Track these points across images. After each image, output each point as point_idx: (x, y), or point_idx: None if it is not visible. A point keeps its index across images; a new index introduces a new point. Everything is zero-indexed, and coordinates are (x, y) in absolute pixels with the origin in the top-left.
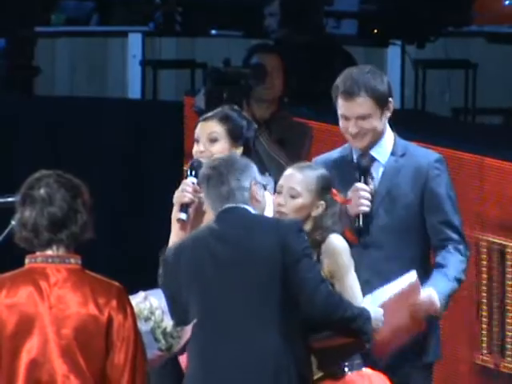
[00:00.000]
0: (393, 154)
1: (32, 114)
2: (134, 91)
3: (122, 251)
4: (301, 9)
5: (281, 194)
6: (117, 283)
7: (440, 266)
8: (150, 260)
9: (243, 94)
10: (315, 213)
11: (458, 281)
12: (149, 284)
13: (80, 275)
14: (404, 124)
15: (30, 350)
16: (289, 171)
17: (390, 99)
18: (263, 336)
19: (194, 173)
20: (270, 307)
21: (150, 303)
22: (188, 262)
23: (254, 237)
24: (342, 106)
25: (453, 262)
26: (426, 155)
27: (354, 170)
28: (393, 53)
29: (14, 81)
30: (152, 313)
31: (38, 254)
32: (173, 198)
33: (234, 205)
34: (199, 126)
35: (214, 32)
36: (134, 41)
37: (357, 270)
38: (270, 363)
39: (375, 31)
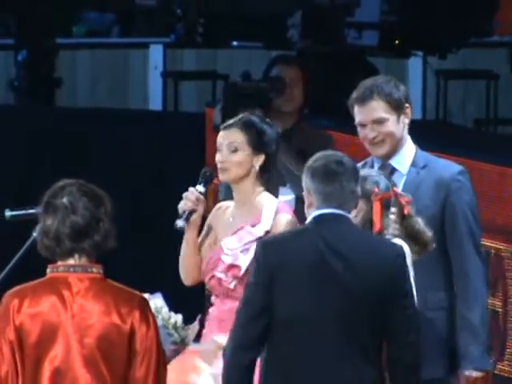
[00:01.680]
0: (413, 165)
1: (54, 125)
2: (156, 103)
3: (143, 264)
4: (322, 20)
5: None
6: (139, 293)
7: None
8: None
9: (261, 108)
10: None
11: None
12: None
13: (102, 285)
14: (426, 135)
15: (53, 359)
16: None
17: (407, 105)
18: (359, 367)
19: (202, 182)
20: (366, 343)
21: (155, 303)
22: (290, 255)
23: (368, 258)
24: (357, 114)
25: (470, 297)
26: (447, 167)
27: None
28: (414, 64)
29: (35, 92)
30: (158, 312)
31: (59, 263)
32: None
33: (341, 212)
34: (220, 134)
35: (235, 43)
36: (156, 52)
37: None
38: None
39: (396, 42)
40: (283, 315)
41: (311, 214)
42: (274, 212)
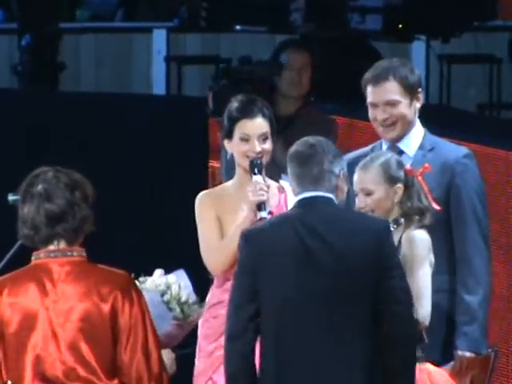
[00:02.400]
0: (421, 148)
1: (57, 109)
2: (159, 87)
3: (149, 244)
4: (326, 4)
5: (359, 198)
6: (122, 271)
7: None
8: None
9: (260, 92)
10: (396, 198)
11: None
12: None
13: (84, 267)
14: (429, 119)
15: (34, 346)
16: (356, 176)
17: (420, 89)
18: (351, 344)
19: (257, 171)
20: (359, 319)
21: (167, 278)
22: (271, 243)
23: (347, 236)
24: (370, 93)
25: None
26: (454, 150)
27: None
28: (417, 48)
29: (39, 77)
30: (168, 287)
31: (41, 250)
32: (196, 193)
33: (321, 193)
34: (247, 124)
35: (238, 28)
36: (159, 37)
37: None
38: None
39: (400, 26)
40: (270, 300)
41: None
42: None
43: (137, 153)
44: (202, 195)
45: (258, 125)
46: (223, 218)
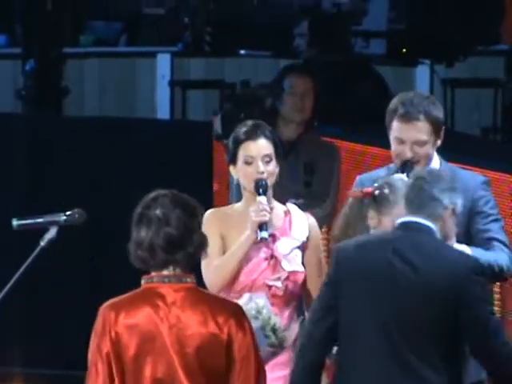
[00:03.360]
0: None
1: (61, 134)
2: (163, 111)
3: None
4: (329, 29)
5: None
6: (233, 301)
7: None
8: None
9: (264, 115)
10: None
11: (500, 268)
12: None
13: (197, 294)
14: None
15: (153, 370)
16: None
17: (443, 128)
18: (419, 373)
19: (262, 191)
20: (428, 344)
21: (256, 303)
22: (358, 263)
23: (431, 266)
24: (398, 129)
25: (498, 253)
26: (473, 177)
27: None
28: (421, 72)
29: (43, 101)
30: (259, 312)
31: (153, 273)
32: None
33: (419, 220)
34: (250, 146)
35: (242, 52)
36: (163, 61)
37: None
38: None
39: (404, 50)
40: (347, 317)
41: None
42: (304, 216)
43: (141, 177)
44: (208, 213)
45: (261, 146)
46: (228, 236)
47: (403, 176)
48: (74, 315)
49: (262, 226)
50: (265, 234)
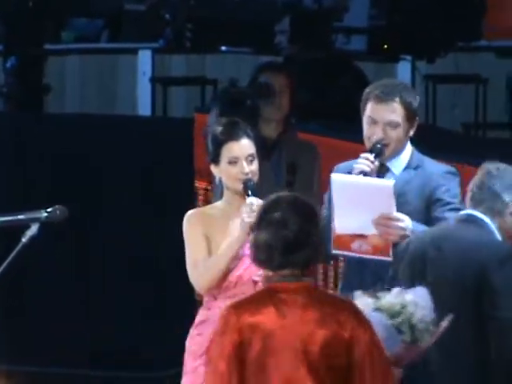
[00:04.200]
0: (407, 167)
1: (43, 131)
2: (144, 108)
3: (136, 262)
4: (310, 25)
5: None
6: (349, 299)
7: None
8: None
9: (253, 114)
10: None
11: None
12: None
13: (316, 294)
14: (414, 138)
15: (277, 369)
16: None
17: (417, 118)
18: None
19: (251, 192)
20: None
21: (404, 298)
22: (410, 251)
23: (459, 255)
24: (372, 109)
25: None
26: (438, 167)
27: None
28: (403, 68)
29: (24, 98)
30: (403, 307)
31: (272, 273)
32: (182, 213)
33: (475, 213)
34: (233, 146)
35: (224, 48)
36: (144, 58)
37: (361, 274)
38: None
39: (385, 47)
40: None
41: None
42: None
43: (122, 173)
44: (189, 214)
45: (244, 146)
46: (211, 236)
47: (371, 156)
48: (58, 312)
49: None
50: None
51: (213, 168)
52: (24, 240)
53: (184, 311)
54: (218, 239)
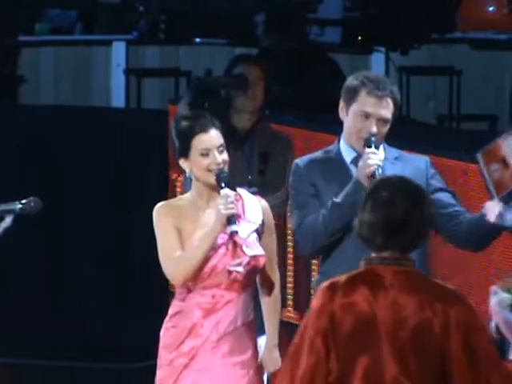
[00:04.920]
0: (386, 159)
1: (17, 123)
2: (118, 100)
3: (107, 253)
4: (285, 17)
5: None
6: (452, 287)
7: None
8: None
9: (224, 105)
10: None
11: None
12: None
13: (416, 278)
14: (389, 130)
15: (365, 349)
16: None
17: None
18: None
19: (224, 184)
20: None
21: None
22: None
23: None
24: (366, 104)
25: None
26: (419, 158)
27: (342, 167)
28: (377, 60)
29: None
30: None
31: (373, 255)
32: (156, 204)
33: None
34: (204, 138)
35: (198, 40)
36: (118, 49)
37: (354, 264)
38: None
39: (359, 38)
40: None
41: None
42: (255, 200)
43: (97, 165)
44: (159, 206)
45: (214, 137)
46: (182, 228)
47: (375, 150)
48: (28, 304)
49: (230, 219)
50: (235, 227)
51: (182, 162)
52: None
53: (157, 302)
54: (188, 230)
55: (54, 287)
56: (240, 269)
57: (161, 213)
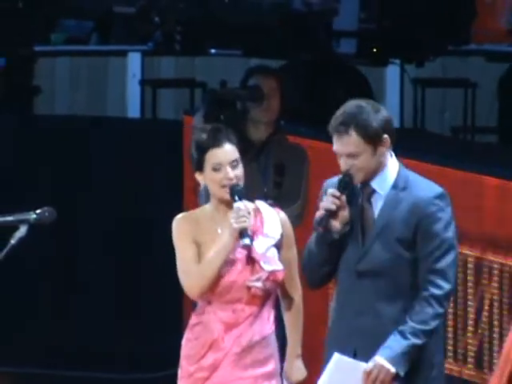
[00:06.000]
0: (394, 186)
1: (32, 133)
2: (134, 110)
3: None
4: (300, 28)
5: None
6: None
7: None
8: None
9: (240, 116)
10: None
11: (420, 332)
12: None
13: None
14: (403, 143)
15: None
16: None
17: (385, 136)
18: None
19: (238, 198)
20: None
21: None
22: None
23: None
24: (334, 142)
25: (416, 313)
26: (427, 189)
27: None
28: (392, 72)
29: (14, 100)
30: None
31: None
32: (173, 215)
33: None
34: (217, 153)
35: (213, 51)
36: (134, 60)
37: (349, 299)
38: None
39: (374, 50)
40: None
41: None
42: (274, 212)
43: (111, 175)
44: (178, 219)
45: (227, 152)
46: (200, 241)
47: (336, 192)
48: (42, 314)
49: (243, 233)
50: (247, 241)
51: (197, 175)
52: (13, 241)
53: (171, 313)
54: (207, 243)
55: (62, 296)
56: (259, 284)
57: (179, 225)
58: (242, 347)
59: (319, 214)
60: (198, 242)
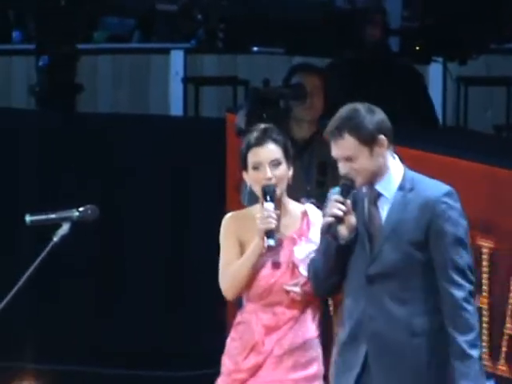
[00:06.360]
0: (400, 188)
1: (75, 130)
2: (176, 108)
3: (162, 261)
4: (344, 25)
5: None
6: None
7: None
8: (191, 272)
9: (283, 115)
10: None
11: (474, 340)
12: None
13: None
14: (446, 141)
15: None
16: None
17: (381, 136)
18: None
19: (269, 198)
20: None
21: None
22: None
23: None
24: (331, 147)
25: (458, 326)
26: (434, 189)
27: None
28: (435, 70)
29: (56, 97)
30: None
31: None
32: (215, 213)
33: None
34: (257, 152)
35: (255, 49)
36: (176, 58)
37: (360, 304)
38: None
39: (417, 48)
40: None
41: None
42: (322, 217)
43: (155, 173)
44: (227, 218)
45: (268, 151)
46: (246, 240)
47: (340, 198)
48: (86, 312)
49: (268, 234)
50: (271, 242)
51: (244, 175)
52: (55, 239)
53: (210, 313)
54: (250, 242)
55: (106, 294)
56: (297, 289)
57: (226, 224)
58: (283, 350)
59: (326, 220)
60: (243, 241)
